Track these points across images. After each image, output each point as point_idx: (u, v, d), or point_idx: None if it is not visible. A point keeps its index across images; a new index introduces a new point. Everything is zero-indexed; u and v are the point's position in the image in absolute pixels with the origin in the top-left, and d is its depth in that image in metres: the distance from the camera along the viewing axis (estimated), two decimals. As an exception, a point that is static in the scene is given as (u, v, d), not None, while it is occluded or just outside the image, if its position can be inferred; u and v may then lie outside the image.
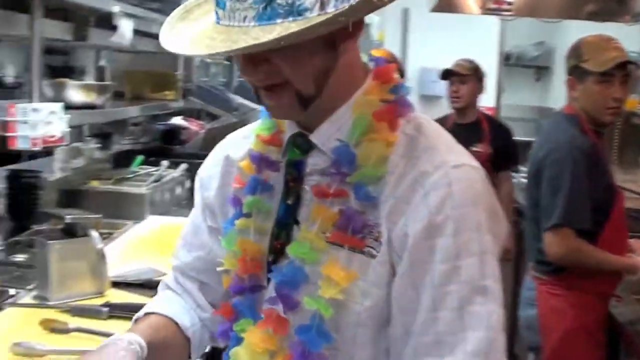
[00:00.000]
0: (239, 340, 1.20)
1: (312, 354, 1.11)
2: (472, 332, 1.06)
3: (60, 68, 4.16)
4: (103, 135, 4.19)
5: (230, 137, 1.41)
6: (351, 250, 1.13)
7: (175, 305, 1.38)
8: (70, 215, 2.99)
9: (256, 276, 1.23)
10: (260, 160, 1.26)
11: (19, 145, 2.48)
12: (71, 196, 3.44)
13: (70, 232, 2.46)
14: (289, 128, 1.24)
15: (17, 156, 3.48)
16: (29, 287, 2.36)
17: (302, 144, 1.21)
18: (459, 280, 1.07)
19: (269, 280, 1.22)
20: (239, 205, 1.27)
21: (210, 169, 1.39)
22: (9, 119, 2.45)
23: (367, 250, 1.13)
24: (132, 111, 3.86)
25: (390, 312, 1.12)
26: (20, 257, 2.80)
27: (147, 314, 1.35)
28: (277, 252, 1.22)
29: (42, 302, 2.26)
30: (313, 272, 1.14)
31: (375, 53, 1.23)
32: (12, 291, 2.32)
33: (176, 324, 1.34)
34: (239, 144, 1.35)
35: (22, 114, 2.47)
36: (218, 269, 1.29)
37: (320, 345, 1.11)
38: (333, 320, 1.12)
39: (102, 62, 4.24)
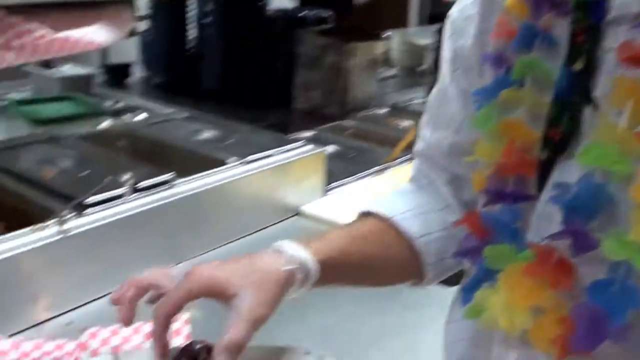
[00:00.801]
0: (488, 274, 0.79)
1: (607, 325, 0.67)
2: None
3: None
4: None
5: None
6: None
7: (406, 204, 0.98)
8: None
9: (525, 179, 0.79)
10: None
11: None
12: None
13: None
14: None
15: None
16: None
17: None
18: None
19: (540, 187, 0.77)
20: (503, 66, 0.82)
21: (466, 9, 0.92)
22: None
23: None
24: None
25: None
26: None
27: (365, 214, 0.98)
28: (554, 146, 0.76)
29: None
30: (618, 195, 0.69)
31: None
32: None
33: (399, 230, 0.95)
34: None
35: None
36: (466, 159, 0.85)
37: (625, 311, 0.67)
38: None
39: None
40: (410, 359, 1.21)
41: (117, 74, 2.79)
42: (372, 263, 0.93)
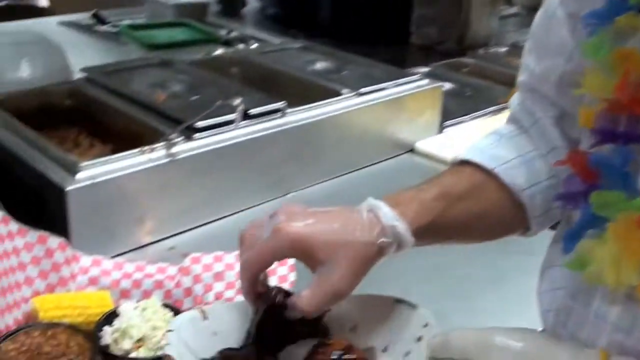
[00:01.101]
0: (594, 223, 0.71)
1: None
2: None
3: None
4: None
5: None
6: None
7: (508, 151, 0.88)
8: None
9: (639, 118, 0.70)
10: None
11: None
12: None
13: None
14: None
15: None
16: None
17: None
18: None
19: None
20: None
21: None
22: None
23: None
24: None
25: None
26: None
27: (462, 162, 0.88)
28: None
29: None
30: None
31: None
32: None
33: (502, 183, 0.86)
34: None
35: None
36: (575, 91, 0.76)
37: None
38: None
39: None
40: (523, 305, 1.13)
41: (231, 4, 2.75)
42: (471, 223, 0.86)
